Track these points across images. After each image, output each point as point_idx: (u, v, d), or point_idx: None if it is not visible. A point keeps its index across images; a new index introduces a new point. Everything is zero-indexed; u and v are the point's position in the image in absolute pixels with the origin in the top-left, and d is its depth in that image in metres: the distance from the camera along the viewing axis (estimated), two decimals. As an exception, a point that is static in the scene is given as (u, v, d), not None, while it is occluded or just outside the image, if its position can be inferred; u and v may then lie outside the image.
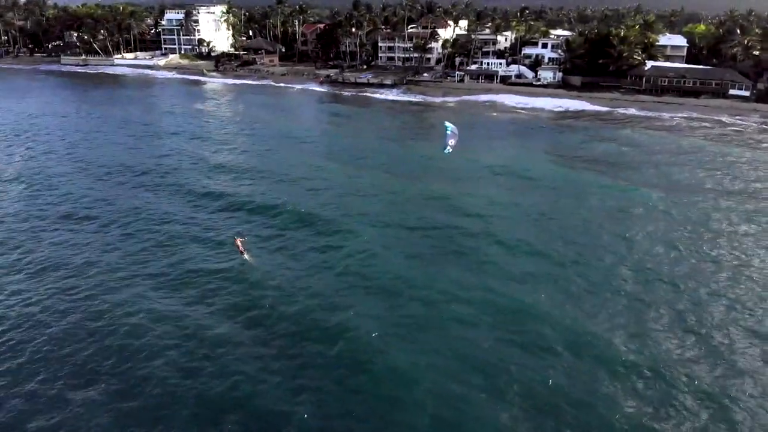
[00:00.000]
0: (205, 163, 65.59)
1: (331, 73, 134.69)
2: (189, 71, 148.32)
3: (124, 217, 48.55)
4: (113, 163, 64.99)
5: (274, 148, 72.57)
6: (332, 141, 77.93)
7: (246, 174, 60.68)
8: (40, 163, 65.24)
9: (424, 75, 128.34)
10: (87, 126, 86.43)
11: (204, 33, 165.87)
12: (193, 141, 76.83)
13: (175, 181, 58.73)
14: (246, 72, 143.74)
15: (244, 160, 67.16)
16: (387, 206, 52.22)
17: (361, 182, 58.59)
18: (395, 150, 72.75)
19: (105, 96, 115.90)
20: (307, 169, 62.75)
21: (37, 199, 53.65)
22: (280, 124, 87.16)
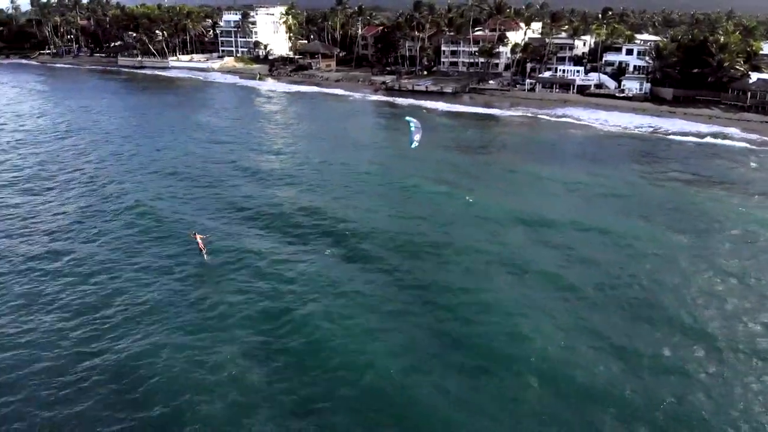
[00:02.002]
0: (251, 172, 61.68)
1: (388, 79, 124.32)
2: (243, 75, 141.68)
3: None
4: (161, 168, 62.34)
5: (315, 171, 62.71)
6: (377, 161, 67.30)
7: (301, 197, 52.63)
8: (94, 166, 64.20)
9: (490, 82, 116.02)
10: (124, 129, 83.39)
11: (261, 35, 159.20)
12: (233, 151, 70.44)
13: (221, 185, 55.49)
14: (300, 77, 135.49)
15: (283, 180, 58.59)
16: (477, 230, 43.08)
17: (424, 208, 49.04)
18: (454, 173, 61.38)
19: (153, 100, 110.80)
20: (356, 189, 54.91)
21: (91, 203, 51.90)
22: (324, 142, 77.32)
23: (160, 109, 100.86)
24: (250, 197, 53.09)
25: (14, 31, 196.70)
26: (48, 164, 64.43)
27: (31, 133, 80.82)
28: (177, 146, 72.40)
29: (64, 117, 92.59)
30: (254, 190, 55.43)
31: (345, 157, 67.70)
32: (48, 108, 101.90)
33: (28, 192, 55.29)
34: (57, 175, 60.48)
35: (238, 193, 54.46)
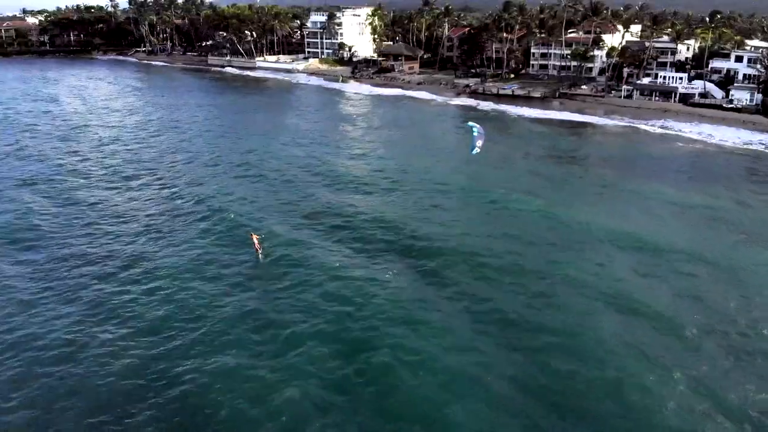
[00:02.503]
0: (329, 176, 60.39)
1: (471, 82, 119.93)
2: (326, 77, 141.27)
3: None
4: (244, 172, 61.82)
5: (392, 178, 59.93)
6: (457, 169, 63.55)
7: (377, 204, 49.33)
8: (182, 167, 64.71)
9: (582, 87, 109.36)
10: (211, 130, 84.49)
11: (347, 36, 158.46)
12: (312, 155, 69.14)
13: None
14: (381, 80, 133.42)
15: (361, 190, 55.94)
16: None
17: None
18: (543, 186, 56.73)
19: (239, 100, 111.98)
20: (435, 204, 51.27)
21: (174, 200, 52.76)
22: (402, 148, 74.54)
23: (246, 109, 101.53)
24: (324, 203, 51.38)
25: (113, 29, 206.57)
26: (134, 163, 65.36)
27: (122, 130, 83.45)
28: (261, 148, 71.74)
29: (154, 115, 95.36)
30: (329, 196, 53.50)
31: (424, 164, 64.65)
32: (140, 105, 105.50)
33: (111, 189, 55.83)
34: (141, 174, 61.03)
35: (313, 198, 52.80)
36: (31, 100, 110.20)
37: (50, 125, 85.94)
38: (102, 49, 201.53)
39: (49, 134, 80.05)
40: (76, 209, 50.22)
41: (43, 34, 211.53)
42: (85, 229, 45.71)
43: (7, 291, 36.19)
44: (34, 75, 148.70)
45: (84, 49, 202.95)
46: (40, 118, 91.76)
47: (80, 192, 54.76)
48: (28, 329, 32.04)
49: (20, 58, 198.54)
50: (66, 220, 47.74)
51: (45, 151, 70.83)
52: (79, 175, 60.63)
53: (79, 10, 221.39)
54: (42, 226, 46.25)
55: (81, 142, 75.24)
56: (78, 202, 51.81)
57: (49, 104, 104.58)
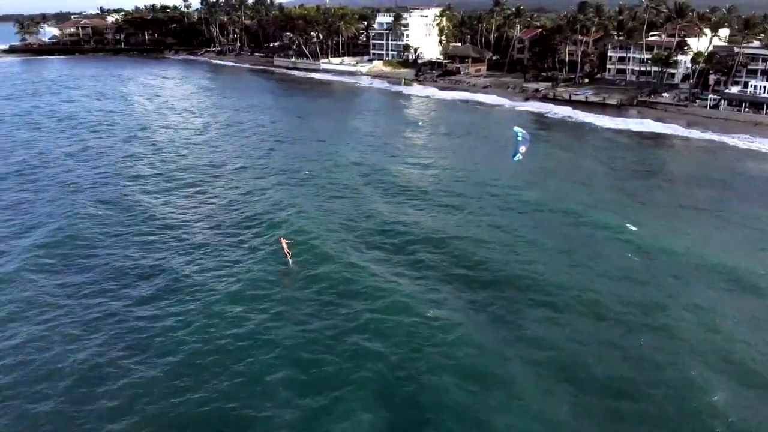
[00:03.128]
0: (386, 185, 58.25)
1: (542, 87, 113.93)
2: (390, 79, 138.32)
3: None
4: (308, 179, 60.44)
5: (452, 189, 56.39)
6: (521, 181, 58.84)
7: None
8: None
9: (663, 95, 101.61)
10: (276, 133, 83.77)
11: (413, 38, 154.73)
12: (371, 162, 66.95)
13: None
14: (446, 82, 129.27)
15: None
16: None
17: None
18: (621, 204, 51.36)
19: (303, 104, 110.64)
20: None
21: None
22: (463, 156, 70.38)
23: (307, 113, 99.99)
24: (380, 219, 48.58)
25: (185, 28, 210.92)
26: (193, 168, 64.39)
27: (186, 132, 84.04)
28: (320, 156, 69.59)
29: (219, 117, 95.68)
30: (386, 210, 50.70)
31: (489, 176, 60.72)
32: (205, 106, 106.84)
33: (167, 196, 54.83)
34: (199, 181, 59.99)
35: (369, 212, 50.21)
36: (104, 98, 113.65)
37: (117, 125, 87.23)
38: (174, 49, 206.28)
39: (114, 135, 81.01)
40: (126, 217, 49.16)
41: (119, 33, 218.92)
42: (132, 240, 44.38)
43: (35, 305, 34.84)
44: (110, 73, 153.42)
45: (157, 48, 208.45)
46: (109, 117, 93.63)
47: (134, 199, 53.86)
48: (51, 351, 30.42)
49: (96, 55, 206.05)
50: (114, 229, 46.57)
51: (107, 153, 71.35)
52: (136, 180, 60.09)
53: (154, 9, 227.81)
54: (87, 234, 45.18)
55: (144, 145, 75.38)
56: (130, 210, 50.78)
57: (120, 103, 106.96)
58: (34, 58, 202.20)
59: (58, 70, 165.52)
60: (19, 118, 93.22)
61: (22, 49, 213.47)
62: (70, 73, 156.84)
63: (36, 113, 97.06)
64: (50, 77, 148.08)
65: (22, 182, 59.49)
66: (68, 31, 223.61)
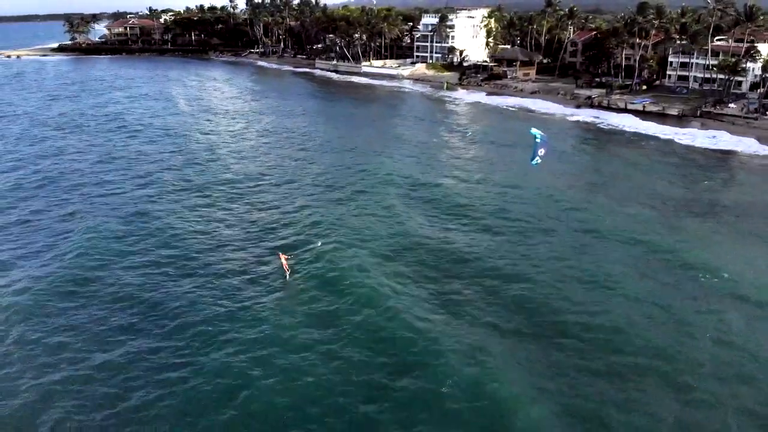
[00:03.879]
0: (423, 199, 54.57)
1: (595, 94, 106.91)
2: (433, 83, 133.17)
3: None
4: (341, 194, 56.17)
5: (492, 204, 51.03)
6: (569, 199, 52.99)
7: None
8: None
9: (730, 105, 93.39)
10: (314, 142, 79.71)
11: (458, 40, 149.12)
12: (407, 174, 62.09)
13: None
14: (491, 87, 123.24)
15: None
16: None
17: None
18: (684, 233, 45.17)
19: (341, 109, 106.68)
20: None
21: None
22: (504, 171, 64.47)
23: (347, 120, 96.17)
24: (422, 241, 43.90)
25: (230, 29, 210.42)
26: (231, 181, 60.05)
27: (226, 137, 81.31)
28: (354, 166, 65.35)
29: (259, 123, 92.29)
30: (430, 231, 46.17)
31: (540, 195, 55.17)
32: (246, 111, 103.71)
33: (203, 212, 51.03)
34: (238, 194, 55.96)
35: (411, 232, 45.77)
36: (152, 100, 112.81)
37: (156, 130, 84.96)
38: (219, 50, 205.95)
39: (153, 141, 78.57)
40: (157, 239, 44.74)
41: (167, 33, 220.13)
42: (158, 263, 40.66)
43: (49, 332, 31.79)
44: (155, 75, 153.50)
45: (202, 49, 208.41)
46: (149, 121, 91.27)
47: (170, 214, 50.16)
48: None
49: (142, 55, 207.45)
50: (142, 250, 42.77)
51: (149, 158, 69.31)
52: (168, 192, 56.58)
53: (202, 10, 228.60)
54: (111, 256, 41.46)
55: (182, 153, 71.97)
56: (163, 229, 46.54)
57: (161, 108, 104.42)
58: (82, 57, 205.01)
59: (104, 70, 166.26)
60: (58, 120, 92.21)
61: (71, 47, 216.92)
62: (116, 73, 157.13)
63: (76, 115, 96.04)
64: (96, 77, 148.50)
65: (47, 190, 57.38)
66: (116, 31, 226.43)
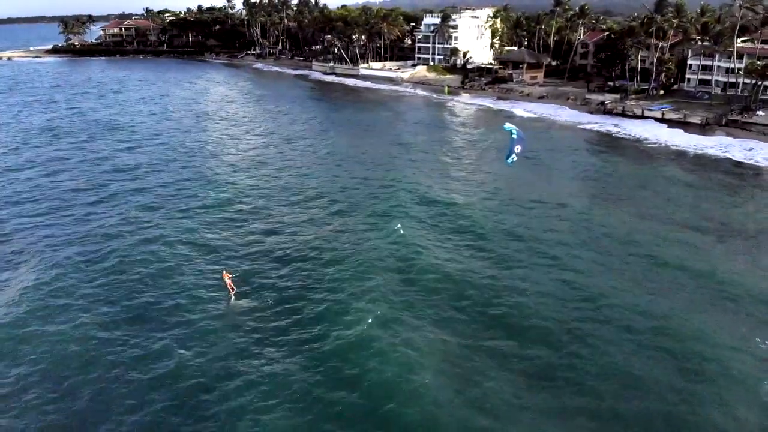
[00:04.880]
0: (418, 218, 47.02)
1: (608, 99, 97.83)
2: (434, 87, 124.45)
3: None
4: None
5: (499, 226, 42.39)
6: (588, 220, 44.25)
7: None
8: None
9: (758, 113, 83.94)
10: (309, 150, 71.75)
11: (462, 41, 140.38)
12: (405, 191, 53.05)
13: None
14: (495, 91, 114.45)
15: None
16: None
17: None
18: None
19: (337, 115, 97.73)
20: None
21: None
22: (519, 191, 55.64)
23: (341, 128, 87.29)
24: (434, 266, 37.41)
25: (227, 30, 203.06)
26: (235, 201, 51.69)
27: (223, 150, 72.09)
28: (346, 183, 57.25)
29: (253, 130, 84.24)
30: (441, 253, 39.14)
31: (552, 213, 47.31)
32: (239, 117, 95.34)
33: (199, 240, 42.69)
34: (242, 218, 47.77)
35: (419, 256, 38.80)
36: (152, 103, 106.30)
37: (144, 136, 77.87)
38: (215, 51, 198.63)
39: (146, 150, 70.67)
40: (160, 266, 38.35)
41: (163, 34, 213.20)
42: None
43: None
44: (155, 77, 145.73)
45: (198, 50, 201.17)
46: (141, 130, 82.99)
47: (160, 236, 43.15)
48: None
49: (137, 57, 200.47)
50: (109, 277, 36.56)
51: (150, 167, 62.91)
52: (156, 209, 49.47)
53: (200, 10, 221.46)
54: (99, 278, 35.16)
55: (178, 167, 63.20)
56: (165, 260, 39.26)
57: (153, 114, 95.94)
58: (75, 58, 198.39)
59: (90, 72, 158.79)
60: (41, 130, 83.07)
61: (65, 49, 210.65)
62: (103, 75, 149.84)
63: (66, 122, 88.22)
64: (84, 80, 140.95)
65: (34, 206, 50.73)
66: (111, 32, 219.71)
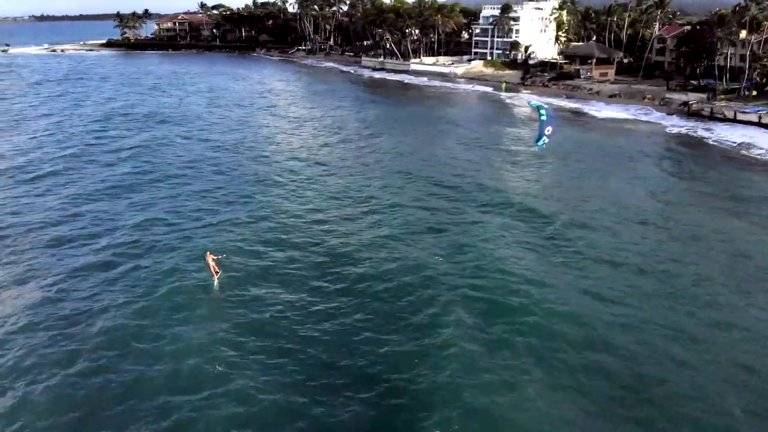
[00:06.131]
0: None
1: (692, 99, 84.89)
2: (490, 83, 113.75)
3: None
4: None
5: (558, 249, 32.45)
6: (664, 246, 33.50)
7: None
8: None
9: None
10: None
11: (523, 34, 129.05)
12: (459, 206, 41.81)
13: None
14: (560, 88, 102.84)
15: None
16: None
17: None
18: None
19: (386, 113, 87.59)
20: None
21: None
22: (577, 202, 45.07)
23: (379, 127, 76.43)
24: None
25: (280, 25, 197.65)
26: (275, 216, 42.31)
27: (260, 153, 61.91)
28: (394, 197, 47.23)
29: (297, 130, 74.78)
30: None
31: (640, 235, 36.99)
32: (283, 115, 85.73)
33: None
34: (281, 240, 37.97)
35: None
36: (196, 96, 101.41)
37: (184, 139, 68.85)
38: (267, 47, 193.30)
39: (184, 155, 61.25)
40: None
41: (217, 29, 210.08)
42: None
43: None
44: (201, 71, 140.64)
45: (249, 45, 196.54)
46: (182, 126, 75.54)
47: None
48: None
49: (189, 52, 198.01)
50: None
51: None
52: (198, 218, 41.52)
53: (255, 5, 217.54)
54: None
55: (217, 172, 54.23)
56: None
57: (194, 112, 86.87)
58: (128, 52, 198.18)
59: (141, 66, 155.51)
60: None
61: (119, 43, 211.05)
62: (141, 70, 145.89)
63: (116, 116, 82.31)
64: (135, 72, 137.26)
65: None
66: (165, 27, 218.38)
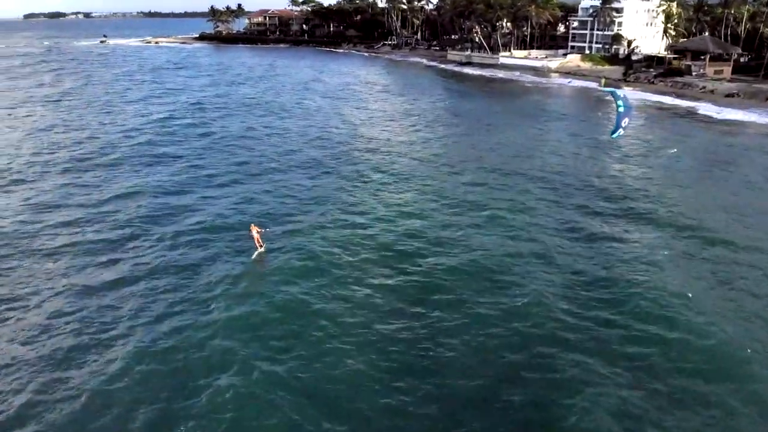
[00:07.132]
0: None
1: (832, 100, 73.15)
2: (586, 79, 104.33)
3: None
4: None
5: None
6: None
7: None
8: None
9: None
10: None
11: (627, 27, 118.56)
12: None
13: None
14: (667, 85, 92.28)
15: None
16: None
17: None
18: None
19: (462, 115, 78.23)
20: None
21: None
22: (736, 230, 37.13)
23: (462, 129, 68.41)
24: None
25: (367, 20, 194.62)
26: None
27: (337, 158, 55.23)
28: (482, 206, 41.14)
29: (372, 128, 67.22)
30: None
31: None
32: (378, 106, 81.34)
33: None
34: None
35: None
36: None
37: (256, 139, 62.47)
38: (352, 42, 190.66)
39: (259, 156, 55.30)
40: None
41: (306, 24, 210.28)
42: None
43: None
44: (288, 64, 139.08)
45: (336, 40, 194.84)
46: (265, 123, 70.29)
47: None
48: None
49: (277, 46, 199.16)
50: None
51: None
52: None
53: (346, 0, 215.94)
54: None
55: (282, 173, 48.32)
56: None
57: (277, 109, 79.54)
58: (219, 45, 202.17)
59: (230, 58, 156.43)
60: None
61: (210, 36, 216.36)
62: (224, 62, 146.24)
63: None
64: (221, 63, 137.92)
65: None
66: (256, 21, 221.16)
